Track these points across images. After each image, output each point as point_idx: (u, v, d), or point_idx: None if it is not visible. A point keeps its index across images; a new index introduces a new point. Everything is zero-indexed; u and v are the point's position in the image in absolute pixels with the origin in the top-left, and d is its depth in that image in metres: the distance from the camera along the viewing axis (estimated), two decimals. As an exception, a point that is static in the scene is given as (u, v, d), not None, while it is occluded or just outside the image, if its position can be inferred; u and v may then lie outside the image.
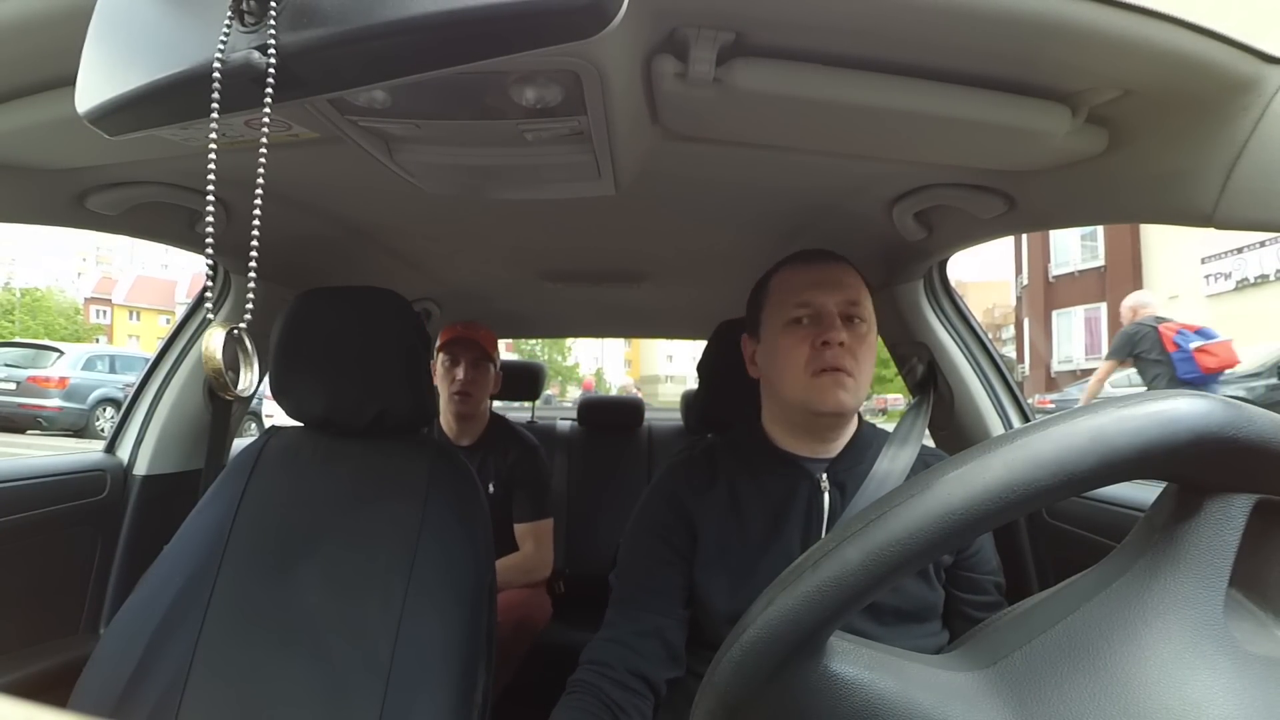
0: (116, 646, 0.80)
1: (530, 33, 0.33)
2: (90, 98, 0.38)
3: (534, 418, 2.47)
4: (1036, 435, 0.30)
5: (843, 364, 0.76)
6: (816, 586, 0.30)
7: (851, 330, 0.78)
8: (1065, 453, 0.29)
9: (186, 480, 1.24)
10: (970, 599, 0.79)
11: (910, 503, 0.30)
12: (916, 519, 0.29)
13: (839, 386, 0.76)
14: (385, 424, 0.93)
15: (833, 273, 0.81)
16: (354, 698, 0.78)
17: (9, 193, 0.78)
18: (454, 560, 0.88)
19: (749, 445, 0.86)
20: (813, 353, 0.77)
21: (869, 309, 0.81)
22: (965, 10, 0.45)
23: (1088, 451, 0.29)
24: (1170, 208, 0.61)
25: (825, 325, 0.78)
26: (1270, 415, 0.30)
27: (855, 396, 0.78)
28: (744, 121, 0.64)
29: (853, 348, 0.77)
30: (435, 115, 0.62)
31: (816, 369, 0.77)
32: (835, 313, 0.78)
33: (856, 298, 0.80)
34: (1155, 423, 0.29)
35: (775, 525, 0.78)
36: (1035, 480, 0.29)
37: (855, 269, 0.84)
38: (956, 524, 0.29)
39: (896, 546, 0.29)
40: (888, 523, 0.30)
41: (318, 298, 0.95)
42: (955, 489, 0.29)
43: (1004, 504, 0.29)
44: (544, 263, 1.39)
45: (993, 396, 1.18)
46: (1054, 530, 1.04)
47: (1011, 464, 0.29)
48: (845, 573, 0.30)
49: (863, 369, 0.78)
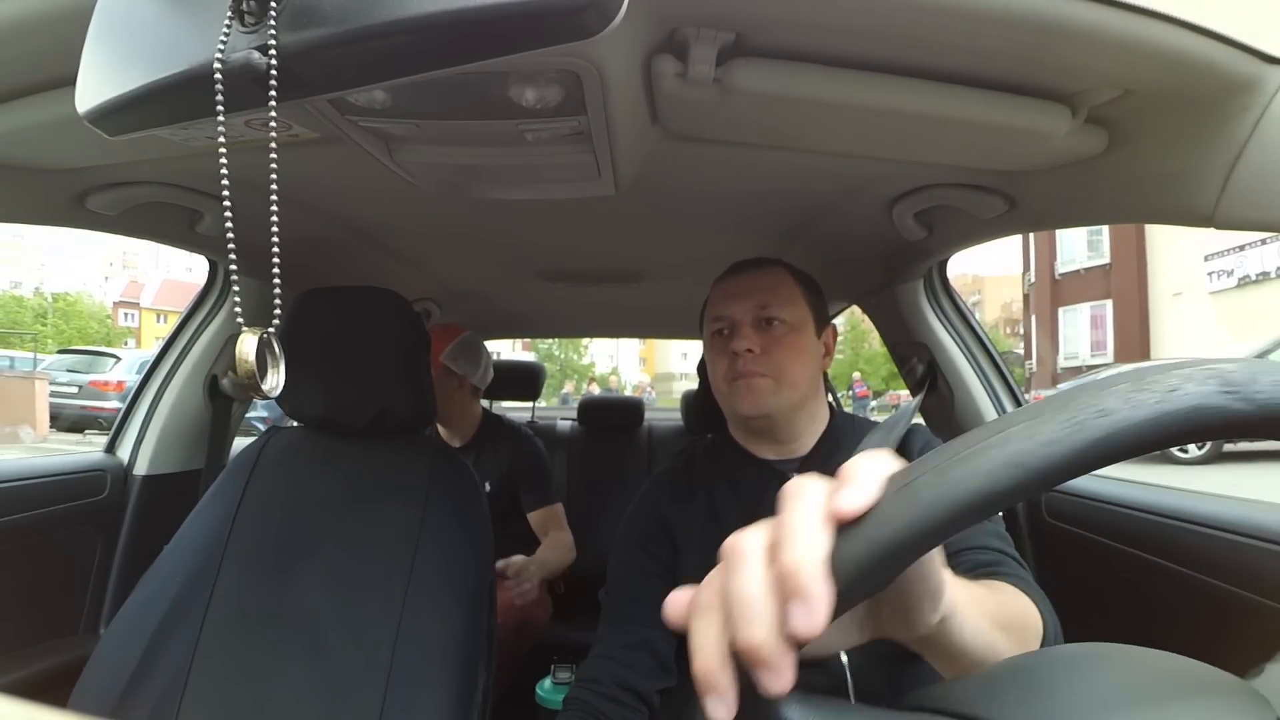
0: (116, 646, 0.80)
1: (530, 33, 0.33)
2: (90, 98, 0.38)
3: (534, 418, 2.47)
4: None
5: (753, 369, 0.79)
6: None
7: (766, 334, 0.81)
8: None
9: (186, 480, 1.24)
10: (968, 558, 0.74)
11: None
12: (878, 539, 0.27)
13: (752, 390, 0.79)
14: (385, 424, 0.93)
15: (745, 281, 0.84)
16: (354, 698, 0.78)
17: (9, 193, 0.78)
18: (454, 560, 0.88)
19: (725, 452, 0.88)
20: (728, 361, 0.81)
21: (790, 309, 0.83)
22: (965, 10, 0.45)
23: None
24: (1170, 208, 0.61)
25: (734, 335, 0.81)
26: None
27: (777, 397, 0.79)
28: (744, 121, 0.64)
29: (768, 350, 0.79)
30: (435, 115, 0.62)
31: (731, 376, 0.81)
32: (744, 320, 0.81)
33: (769, 301, 0.82)
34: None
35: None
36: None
37: (786, 270, 0.86)
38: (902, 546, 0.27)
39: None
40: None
41: (318, 298, 0.94)
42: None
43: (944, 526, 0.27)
44: (544, 263, 1.39)
45: (993, 396, 1.18)
46: (1054, 530, 1.04)
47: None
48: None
49: (784, 368, 0.80)
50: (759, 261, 0.88)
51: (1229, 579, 0.75)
